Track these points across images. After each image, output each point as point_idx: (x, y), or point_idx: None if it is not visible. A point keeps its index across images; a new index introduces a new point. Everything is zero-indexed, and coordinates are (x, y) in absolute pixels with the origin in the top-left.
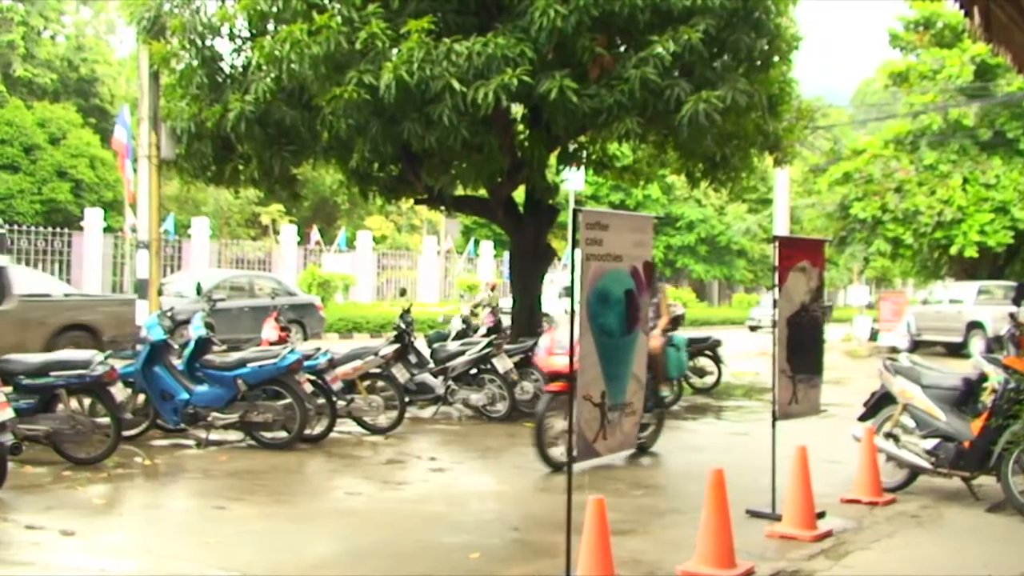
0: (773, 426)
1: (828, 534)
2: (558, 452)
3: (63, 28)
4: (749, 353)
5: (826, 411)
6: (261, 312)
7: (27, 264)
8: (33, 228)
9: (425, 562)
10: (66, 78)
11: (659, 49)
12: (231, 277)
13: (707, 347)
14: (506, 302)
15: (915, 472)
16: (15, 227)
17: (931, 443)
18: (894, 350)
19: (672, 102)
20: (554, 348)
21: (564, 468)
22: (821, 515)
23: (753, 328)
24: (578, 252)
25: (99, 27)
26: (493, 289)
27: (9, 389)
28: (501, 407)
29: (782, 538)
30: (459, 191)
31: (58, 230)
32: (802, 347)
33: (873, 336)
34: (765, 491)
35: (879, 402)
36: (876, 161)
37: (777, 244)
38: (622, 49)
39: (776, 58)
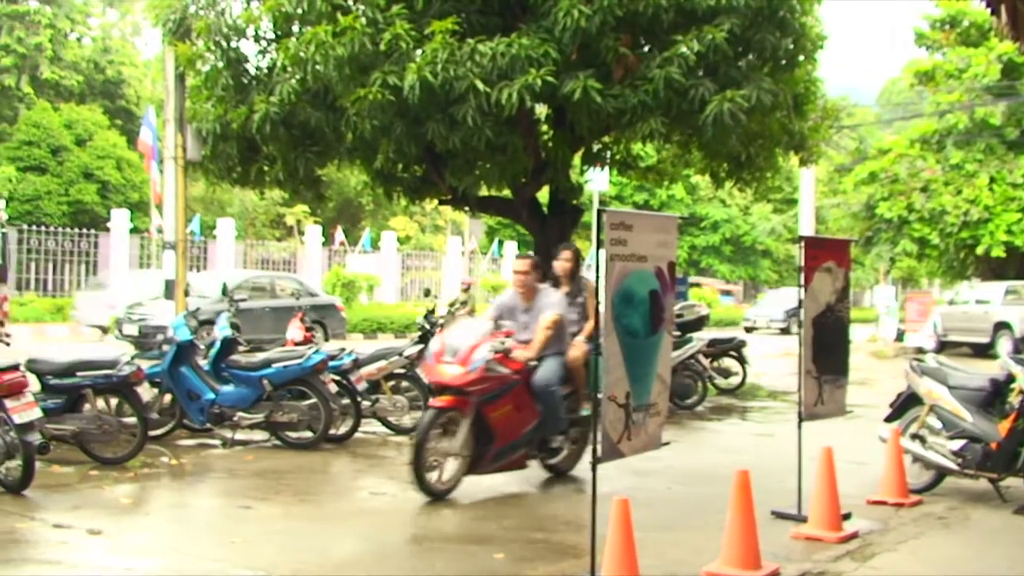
0: (799, 427)
1: (854, 535)
2: (436, 477)
3: (89, 30)
4: (774, 353)
5: (852, 412)
6: (282, 312)
7: (53, 265)
8: (60, 229)
9: (449, 562)
10: (92, 80)
11: (683, 49)
12: (252, 277)
13: (731, 347)
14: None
15: (942, 473)
16: (43, 228)
17: (958, 444)
18: (920, 351)
19: (696, 102)
20: (444, 354)
21: (444, 496)
22: (847, 516)
23: (749, 329)
24: (602, 252)
25: (125, 29)
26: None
27: (37, 389)
28: None
29: (808, 539)
30: (483, 191)
31: (85, 231)
32: (828, 348)
33: (899, 337)
34: (790, 492)
35: (905, 403)
36: (902, 160)
37: (803, 244)
38: (646, 49)
39: (801, 57)
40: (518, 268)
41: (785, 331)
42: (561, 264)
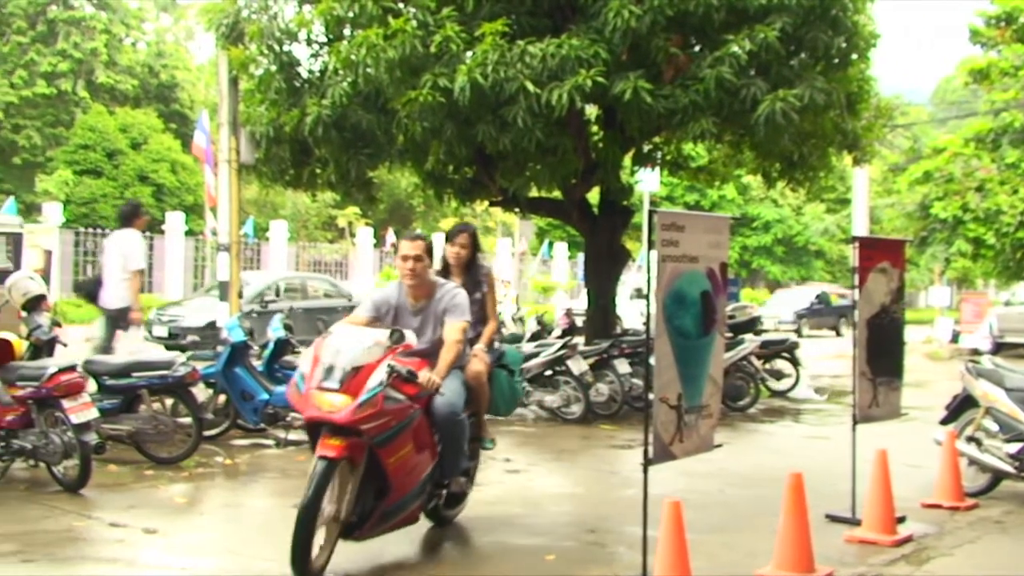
0: (853, 429)
1: (908, 539)
2: (318, 545)
3: (144, 35)
4: (827, 355)
5: (907, 414)
6: (314, 313)
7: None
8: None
9: (501, 563)
10: (147, 84)
11: (735, 48)
12: (286, 279)
13: (784, 349)
14: (576, 303)
15: (998, 477)
16: (99, 231)
17: (1015, 447)
18: (976, 352)
19: (748, 101)
20: (320, 375)
21: None
22: (901, 520)
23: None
24: (654, 253)
25: (179, 34)
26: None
27: (94, 389)
28: (576, 409)
29: (862, 543)
30: (533, 193)
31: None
32: (882, 349)
33: (954, 338)
34: (844, 495)
35: (961, 405)
36: (957, 160)
37: (857, 245)
38: (697, 48)
39: (854, 56)
40: (407, 252)
41: (796, 333)
42: (454, 251)
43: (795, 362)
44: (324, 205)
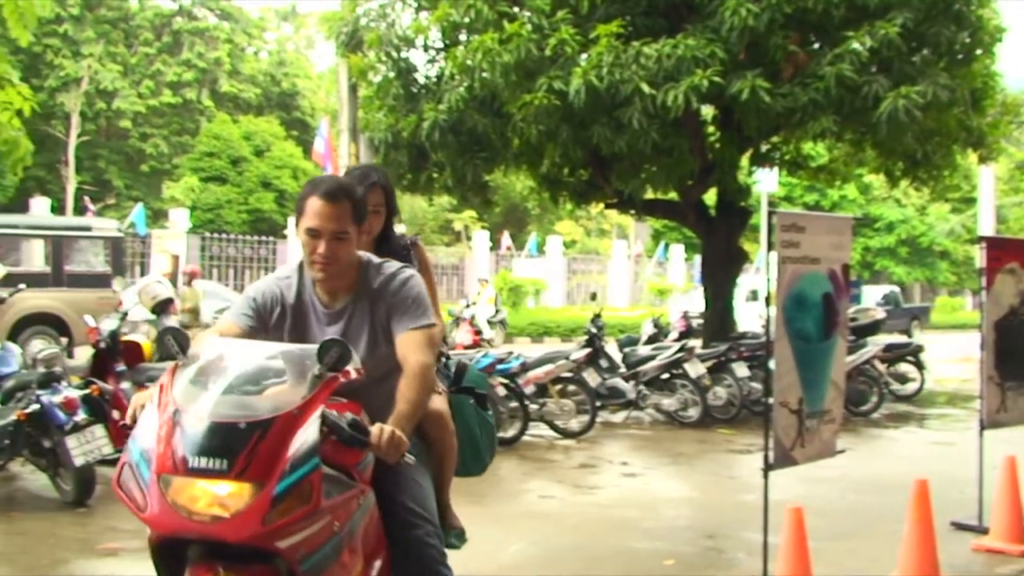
0: (980, 435)
1: None
2: None
3: (265, 44)
4: (954, 358)
5: None
6: None
7: (233, 271)
8: (240, 236)
9: (618, 567)
10: (269, 92)
11: (855, 45)
12: None
13: (908, 352)
14: (689, 304)
15: None
16: (223, 236)
17: None
18: None
19: (870, 99)
20: (176, 448)
21: None
22: None
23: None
24: (773, 255)
25: (299, 42)
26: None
27: None
28: (693, 412)
29: (989, 552)
30: (649, 194)
31: (263, 238)
32: (1011, 353)
33: None
34: (971, 503)
35: None
36: None
37: (984, 245)
38: (816, 46)
39: (978, 51)
40: (318, 223)
41: None
42: (369, 211)
43: (920, 365)
44: (441, 209)
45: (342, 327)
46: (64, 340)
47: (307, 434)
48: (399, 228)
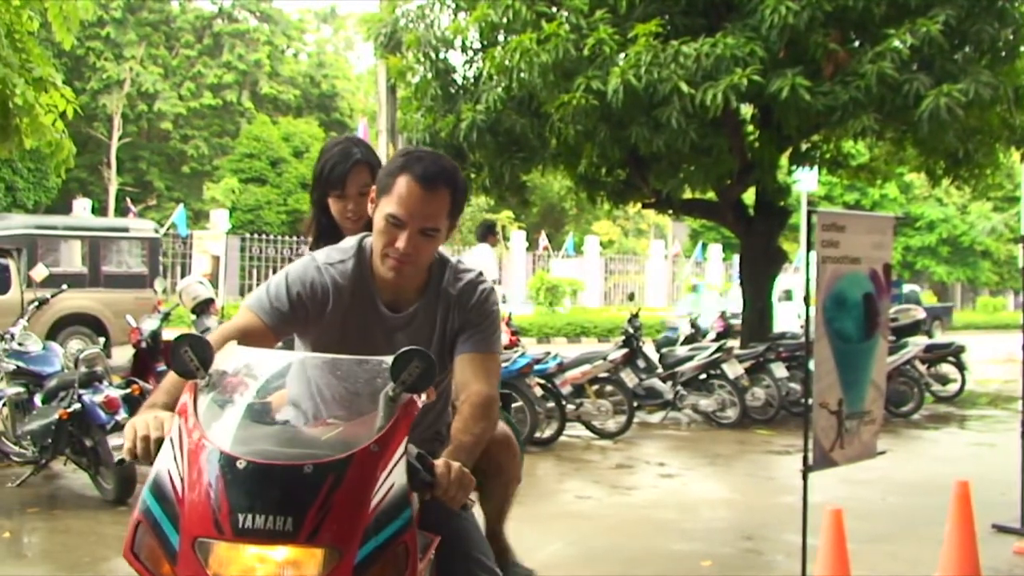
0: (1022, 437)
1: None
2: None
3: (305, 46)
4: (996, 359)
5: None
6: None
7: (273, 271)
8: (279, 237)
9: (656, 568)
10: (308, 94)
11: (896, 42)
12: None
13: (949, 353)
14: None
15: None
16: (263, 236)
17: None
18: None
19: (911, 97)
20: (217, 499)
21: None
22: None
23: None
24: (813, 254)
25: (338, 44)
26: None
27: None
28: (731, 413)
29: None
30: (687, 194)
31: (302, 239)
32: None
33: None
34: (1013, 505)
35: None
36: None
37: None
38: (857, 44)
39: (1022, 48)
40: (412, 205)
41: None
42: (351, 205)
43: (961, 366)
44: (478, 209)
45: (406, 336)
46: (101, 340)
47: (394, 477)
48: None
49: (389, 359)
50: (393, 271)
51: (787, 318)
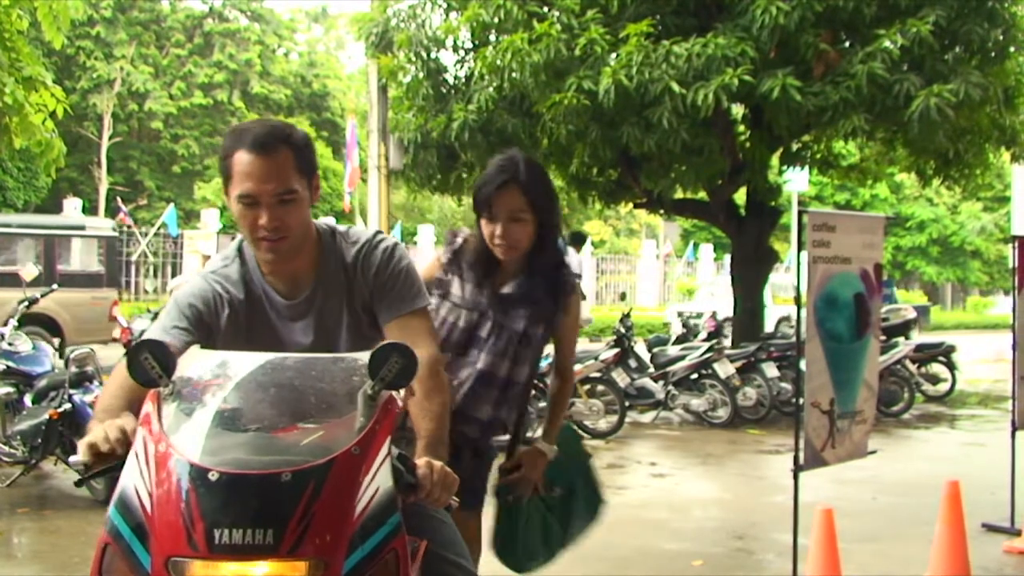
0: (1012, 436)
1: None
2: None
3: (296, 46)
4: (986, 359)
5: None
6: None
7: None
8: None
9: (647, 567)
10: (299, 93)
11: (886, 43)
12: None
13: (940, 352)
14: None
15: None
16: None
17: None
18: None
19: (901, 97)
20: (187, 506)
21: None
22: None
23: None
24: (804, 255)
25: (329, 44)
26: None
27: None
28: (722, 413)
29: (1021, 554)
30: (678, 194)
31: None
32: None
33: None
34: (1003, 505)
35: None
36: None
37: (1016, 244)
38: (847, 44)
39: (1012, 49)
40: (255, 177)
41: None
42: (503, 228)
43: (951, 366)
44: (470, 209)
45: (312, 321)
46: (56, 340)
47: (379, 481)
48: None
49: (366, 355)
50: (270, 251)
51: (770, 318)
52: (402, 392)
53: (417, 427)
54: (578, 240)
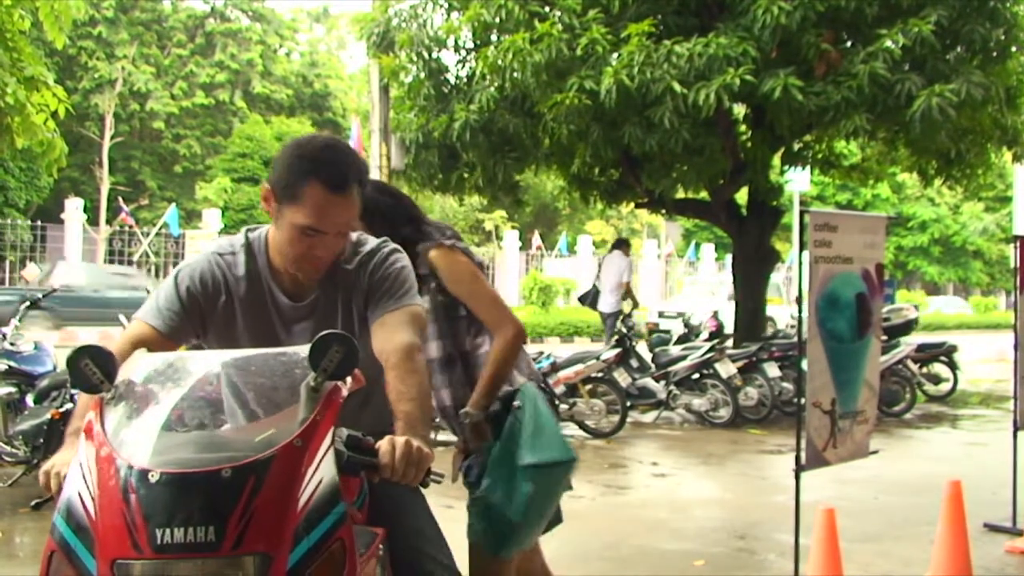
0: (1014, 436)
1: None
2: None
3: (297, 46)
4: (988, 358)
5: None
6: None
7: None
8: None
9: (648, 567)
10: (301, 93)
11: (888, 43)
12: None
13: (942, 352)
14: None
15: None
16: None
17: None
18: None
19: (903, 97)
20: (129, 508)
21: None
22: None
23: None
24: (806, 254)
25: (331, 44)
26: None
27: None
28: (724, 413)
29: (1023, 554)
30: (680, 194)
31: None
32: None
33: None
34: (1005, 504)
35: None
36: None
37: (1018, 244)
38: (849, 44)
39: (1013, 48)
40: (328, 214)
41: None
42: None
43: (953, 366)
44: (471, 209)
45: (313, 325)
46: None
47: (322, 472)
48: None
49: (306, 348)
50: (315, 274)
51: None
52: (349, 381)
53: (396, 411)
54: (623, 245)
